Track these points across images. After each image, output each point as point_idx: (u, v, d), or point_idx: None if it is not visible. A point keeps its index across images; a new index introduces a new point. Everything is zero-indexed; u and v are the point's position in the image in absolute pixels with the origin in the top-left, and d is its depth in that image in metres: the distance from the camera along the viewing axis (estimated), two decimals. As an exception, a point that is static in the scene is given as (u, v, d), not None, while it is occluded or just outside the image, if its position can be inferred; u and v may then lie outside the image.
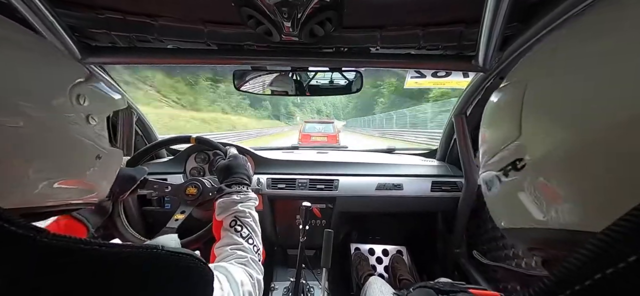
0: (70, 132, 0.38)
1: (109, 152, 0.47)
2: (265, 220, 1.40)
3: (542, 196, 0.27)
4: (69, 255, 0.24)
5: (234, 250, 0.58)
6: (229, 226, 0.62)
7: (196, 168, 1.34)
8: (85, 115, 0.41)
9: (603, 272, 0.13)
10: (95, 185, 0.46)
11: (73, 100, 0.39)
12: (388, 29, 0.79)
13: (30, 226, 0.23)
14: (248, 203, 0.68)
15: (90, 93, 0.42)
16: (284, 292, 1.34)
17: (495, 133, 0.35)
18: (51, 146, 0.36)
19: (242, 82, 1.02)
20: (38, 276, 0.22)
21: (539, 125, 0.28)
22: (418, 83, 1.12)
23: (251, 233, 0.63)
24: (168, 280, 0.31)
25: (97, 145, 0.43)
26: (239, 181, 0.73)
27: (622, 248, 0.13)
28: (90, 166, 0.43)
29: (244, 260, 0.55)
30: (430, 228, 1.60)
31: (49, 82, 0.37)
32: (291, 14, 0.65)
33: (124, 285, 0.27)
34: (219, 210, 0.65)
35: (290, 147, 1.82)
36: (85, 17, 0.75)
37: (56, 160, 0.37)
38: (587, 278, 0.14)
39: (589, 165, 0.22)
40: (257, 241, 0.63)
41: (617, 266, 0.13)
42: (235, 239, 0.60)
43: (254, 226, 0.65)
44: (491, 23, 0.66)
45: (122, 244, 0.28)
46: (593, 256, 0.14)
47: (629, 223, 0.14)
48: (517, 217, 0.31)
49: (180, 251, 0.33)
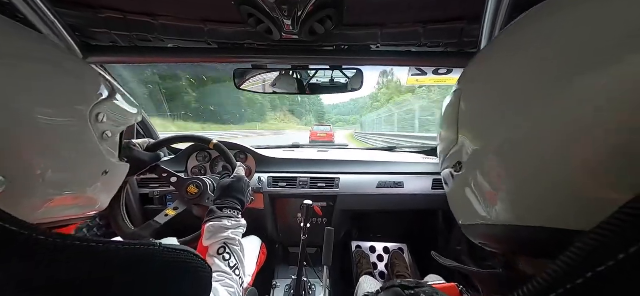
0: (84, 150, 0.38)
1: (115, 167, 0.46)
2: (267, 218, 1.40)
3: (478, 195, 0.29)
4: (65, 252, 0.24)
5: (222, 277, 0.56)
6: (217, 253, 0.60)
7: (197, 167, 1.35)
8: (101, 133, 0.41)
9: (594, 270, 0.13)
10: (98, 200, 0.46)
11: (92, 120, 0.39)
12: (389, 26, 0.79)
13: (26, 224, 0.22)
14: (238, 230, 0.67)
15: (109, 110, 0.42)
16: (286, 290, 1.35)
17: (444, 135, 0.39)
18: (63, 163, 0.36)
19: (242, 81, 1.02)
20: (35, 274, 0.22)
21: (467, 131, 0.31)
22: (419, 81, 1.11)
23: (238, 263, 0.61)
24: (167, 277, 0.31)
25: (106, 161, 0.43)
26: (232, 205, 0.71)
27: (613, 245, 0.13)
28: (96, 182, 0.42)
29: (231, 290, 0.54)
30: (431, 226, 1.60)
31: (71, 100, 0.36)
32: (291, 11, 0.65)
33: (122, 282, 0.27)
34: (208, 235, 0.63)
35: (291, 145, 1.81)
36: (86, 17, 0.76)
37: (65, 176, 0.37)
38: (578, 276, 0.14)
39: (510, 166, 0.25)
40: (242, 272, 0.62)
41: (608, 264, 0.13)
42: (223, 268, 0.58)
43: (241, 256, 0.63)
44: (493, 20, 0.66)
45: (120, 241, 0.28)
46: (584, 255, 0.14)
47: (618, 221, 0.14)
48: (467, 214, 0.33)
49: (179, 248, 0.33)
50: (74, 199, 0.39)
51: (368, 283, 1.04)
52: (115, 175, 0.48)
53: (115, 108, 0.44)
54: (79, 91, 0.38)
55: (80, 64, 0.40)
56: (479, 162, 0.29)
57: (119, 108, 0.46)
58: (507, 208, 0.26)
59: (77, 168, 0.38)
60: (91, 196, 0.43)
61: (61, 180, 0.36)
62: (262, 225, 1.42)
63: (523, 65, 0.25)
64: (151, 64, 0.94)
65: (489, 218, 0.28)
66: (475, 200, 0.30)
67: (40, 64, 0.33)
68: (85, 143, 0.38)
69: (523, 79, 0.24)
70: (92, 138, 0.39)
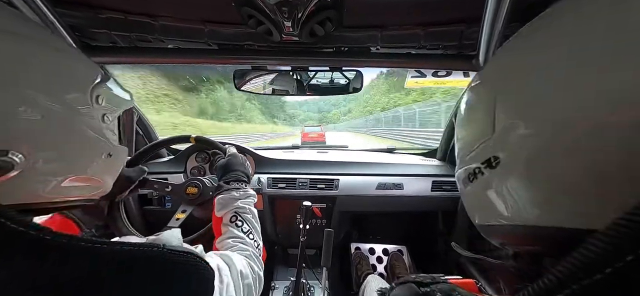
0: (88, 131, 0.40)
1: (118, 149, 0.48)
2: (266, 219, 1.40)
3: (515, 193, 0.27)
4: (70, 253, 0.24)
5: (236, 242, 0.58)
6: (230, 221, 0.62)
7: (197, 168, 1.34)
8: (102, 115, 0.43)
9: (613, 266, 0.13)
10: (102, 182, 0.47)
11: (93, 101, 0.40)
12: (388, 28, 0.79)
13: (31, 224, 0.23)
14: (247, 199, 0.68)
15: (106, 93, 0.44)
16: (285, 291, 1.35)
17: (470, 131, 0.36)
18: (71, 144, 0.37)
19: (242, 82, 1.02)
20: (39, 273, 0.22)
21: (512, 125, 0.28)
22: (418, 83, 1.12)
23: (251, 228, 0.63)
24: (169, 279, 0.31)
25: (109, 142, 0.45)
26: (238, 178, 0.73)
27: (626, 244, 0.13)
28: (101, 163, 0.44)
29: (246, 253, 0.56)
30: (430, 228, 1.60)
31: (73, 81, 0.38)
32: (291, 13, 0.65)
33: (125, 283, 0.27)
34: (219, 207, 0.65)
35: (291, 146, 1.81)
36: (86, 17, 0.76)
37: (74, 157, 0.39)
38: (595, 272, 0.14)
39: (558, 165, 0.23)
40: (257, 237, 0.63)
41: (626, 259, 0.13)
42: (236, 233, 0.60)
43: (254, 222, 0.65)
44: (492, 23, 0.66)
45: (123, 242, 0.28)
46: (601, 252, 0.14)
47: (631, 222, 0.14)
48: (488, 214, 0.32)
49: (182, 249, 0.33)
50: (83, 179, 0.41)
51: (376, 281, 1.03)
52: (118, 158, 0.49)
53: (111, 91, 0.46)
54: (80, 73, 0.40)
55: (74, 49, 0.42)
56: (522, 157, 0.26)
57: (114, 91, 0.47)
58: (549, 209, 0.24)
59: (84, 149, 0.40)
60: (98, 177, 0.45)
61: (71, 160, 0.38)
62: (261, 226, 1.42)
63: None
64: (151, 64, 0.94)
65: (515, 217, 0.27)
66: (504, 198, 0.29)
67: (42, 46, 0.34)
68: (89, 123, 0.40)
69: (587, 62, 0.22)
70: (95, 119, 0.41)
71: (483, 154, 0.31)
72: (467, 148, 0.35)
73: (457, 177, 0.40)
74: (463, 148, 0.37)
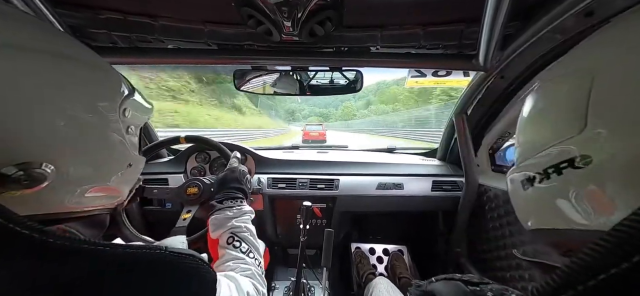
0: (117, 144, 0.41)
1: (137, 159, 0.49)
2: (266, 219, 1.40)
3: (598, 195, 0.25)
4: (72, 255, 0.24)
5: (237, 264, 0.56)
6: (227, 243, 0.59)
7: (197, 168, 1.35)
8: (126, 127, 0.43)
9: (619, 267, 0.13)
10: (120, 191, 0.48)
11: (120, 114, 0.41)
12: (388, 28, 0.79)
13: (35, 227, 0.23)
14: (243, 217, 0.65)
15: (133, 104, 0.44)
16: (285, 291, 1.35)
17: (541, 131, 0.33)
18: (100, 156, 0.38)
19: (242, 82, 1.02)
20: (42, 275, 0.23)
21: (614, 124, 0.24)
22: (418, 83, 1.12)
23: (251, 247, 0.60)
24: (172, 281, 0.31)
25: (131, 153, 0.45)
26: (232, 196, 0.69)
27: (632, 246, 0.13)
28: (123, 173, 0.45)
29: (248, 273, 0.54)
30: (430, 228, 1.60)
31: (105, 96, 0.39)
32: (291, 13, 0.65)
33: (128, 285, 0.27)
34: (213, 227, 0.62)
35: (291, 146, 1.81)
36: (86, 18, 0.76)
37: (101, 168, 0.39)
38: (599, 273, 0.14)
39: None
40: (258, 255, 0.61)
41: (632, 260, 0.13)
42: (235, 255, 0.57)
43: (252, 240, 0.62)
44: (492, 22, 0.66)
45: (127, 244, 0.28)
46: (606, 253, 0.14)
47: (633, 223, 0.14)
48: (555, 218, 0.29)
49: (184, 252, 0.33)
50: (104, 190, 0.42)
51: (384, 284, 1.00)
52: (137, 168, 0.50)
53: (136, 103, 0.47)
54: (111, 87, 0.41)
55: (104, 61, 0.42)
56: (627, 158, 0.23)
57: (140, 103, 0.48)
58: None
59: (111, 160, 0.41)
60: (117, 187, 0.46)
61: (98, 171, 0.39)
62: (261, 227, 1.42)
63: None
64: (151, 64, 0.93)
65: (593, 223, 0.25)
66: (581, 202, 0.26)
67: (73, 60, 0.35)
68: (118, 137, 0.41)
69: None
70: (121, 131, 0.42)
71: (561, 155, 0.28)
72: (534, 150, 0.32)
73: (512, 179, 0.37)
74: (528, 150, 0.34)
